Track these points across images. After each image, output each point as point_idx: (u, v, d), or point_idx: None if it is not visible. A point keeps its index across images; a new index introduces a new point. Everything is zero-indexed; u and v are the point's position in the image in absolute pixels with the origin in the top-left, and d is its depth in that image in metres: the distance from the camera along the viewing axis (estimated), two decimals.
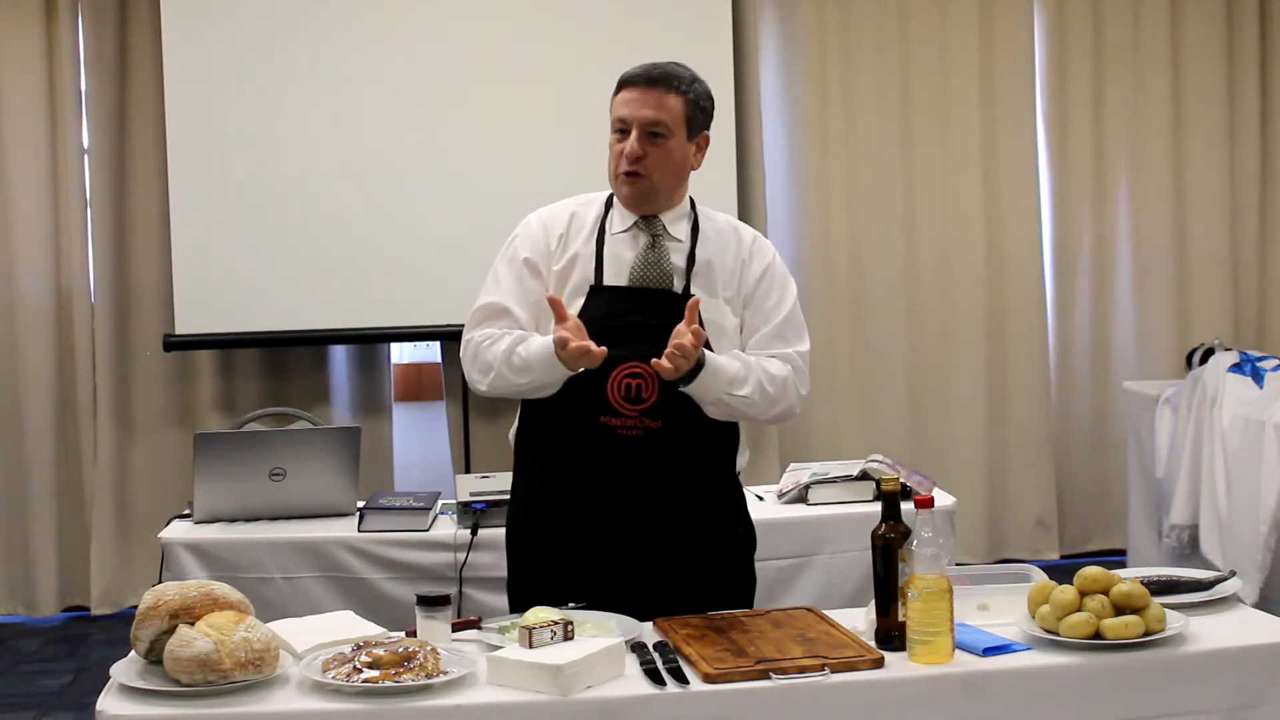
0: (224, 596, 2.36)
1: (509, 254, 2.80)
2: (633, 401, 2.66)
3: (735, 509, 2.86)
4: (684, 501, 2.73)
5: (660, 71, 2.74)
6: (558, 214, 2.82)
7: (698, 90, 2.76)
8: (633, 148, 2.70)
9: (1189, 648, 2.41)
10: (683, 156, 2.76)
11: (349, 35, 5.48)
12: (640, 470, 2.68)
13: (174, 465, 5.58)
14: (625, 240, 2.76)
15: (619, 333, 2.65)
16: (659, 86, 2.72)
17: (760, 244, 2.85)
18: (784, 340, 2.77)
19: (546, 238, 2.78)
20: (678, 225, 2.79)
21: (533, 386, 2.68)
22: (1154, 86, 6.16)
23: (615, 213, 2.79)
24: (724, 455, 2.80)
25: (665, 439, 2.67)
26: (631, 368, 2.65)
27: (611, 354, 2.61)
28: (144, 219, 5.61)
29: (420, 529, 3.61)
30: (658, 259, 2.74)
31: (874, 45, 5.98)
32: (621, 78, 2.76)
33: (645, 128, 2.71)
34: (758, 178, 5.81)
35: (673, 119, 2.72)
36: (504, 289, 2.77)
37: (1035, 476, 6.10)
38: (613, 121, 2.75)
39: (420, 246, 5.46)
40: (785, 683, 2.27)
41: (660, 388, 2.65)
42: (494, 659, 2.30)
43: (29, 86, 5.56)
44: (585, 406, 2.67)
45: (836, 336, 5.95)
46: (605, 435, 2.67)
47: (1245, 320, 6.29)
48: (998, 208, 6.08)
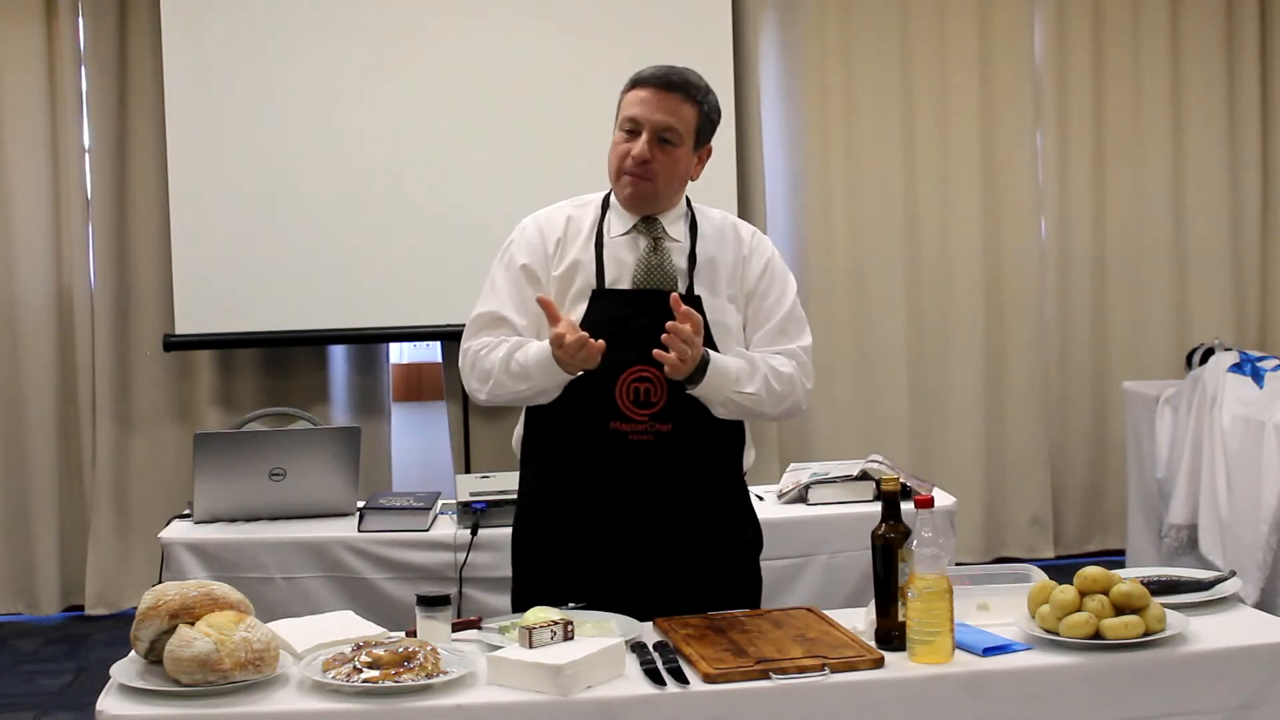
0: (224, 596, 2.36)
1: (505, 260, 2.77)
2: (642, 406, 2.64)
3: (743, 510, 2.86)
4: (695, 504, 2.72)
5: (679, 77, 2.71)
6: (554, 218, 2.79)
7: (711, 102, 2.74)
8: (642, 150, 2.67)
9: (1189, 648, 2.41)
10: (686, 166, 2.75)
11: (349, 36, 5.48)
12: (652, 475, 2.67)
13: (174, 465, 5.58)
14: (625, 243, 2.74)
15: (625, 337, 2.62)
16: (676, 93, 2.69)
17: (759, 240, 2.84)
18: (787, 336, 2.76)
19: (544, 243, 2.75)
20: (676, 226, 2.77)
21: (533, 392, 2.66)
22: (1154, 86, 6.16)
23: (613, 215, 2.77)
24: (732, 455, 2.79)
25: (676, 442, 2.66)
26: (639, 371, 2.63)
27: (618, 359, 2.60)
28: (144, 219, 5.61)
29: (420, 529, 3.61)
30: (660, 261, 2.72)
31: (874, 45, 5.98)
32: (635, 77, 2.73)
33: (657, 132, 2.68)
34: (758, 178, 5.81)
35: (685, 128, 2.70)
36: (501, 297, 2.74)
37: (1034, 476, 6.10)
38: (621, 120, 2.71)
39: (420, 246, 5.46)
40: (785, 683, 2.27)
41: (669, 391, 2.63)
42: (494, 659, 2.30)
43: (29, 86, 5.56)
44: (594, 413, 2.64)
45: (836, 336, 5.95)
46: (616, 441, 2.64)
47: (1245, 320, 6.29)
48: (997, 207, 6.08)
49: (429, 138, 5.50)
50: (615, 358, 2.60)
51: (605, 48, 5.42)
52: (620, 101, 2.74)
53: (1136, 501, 5.53)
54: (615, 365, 2.60)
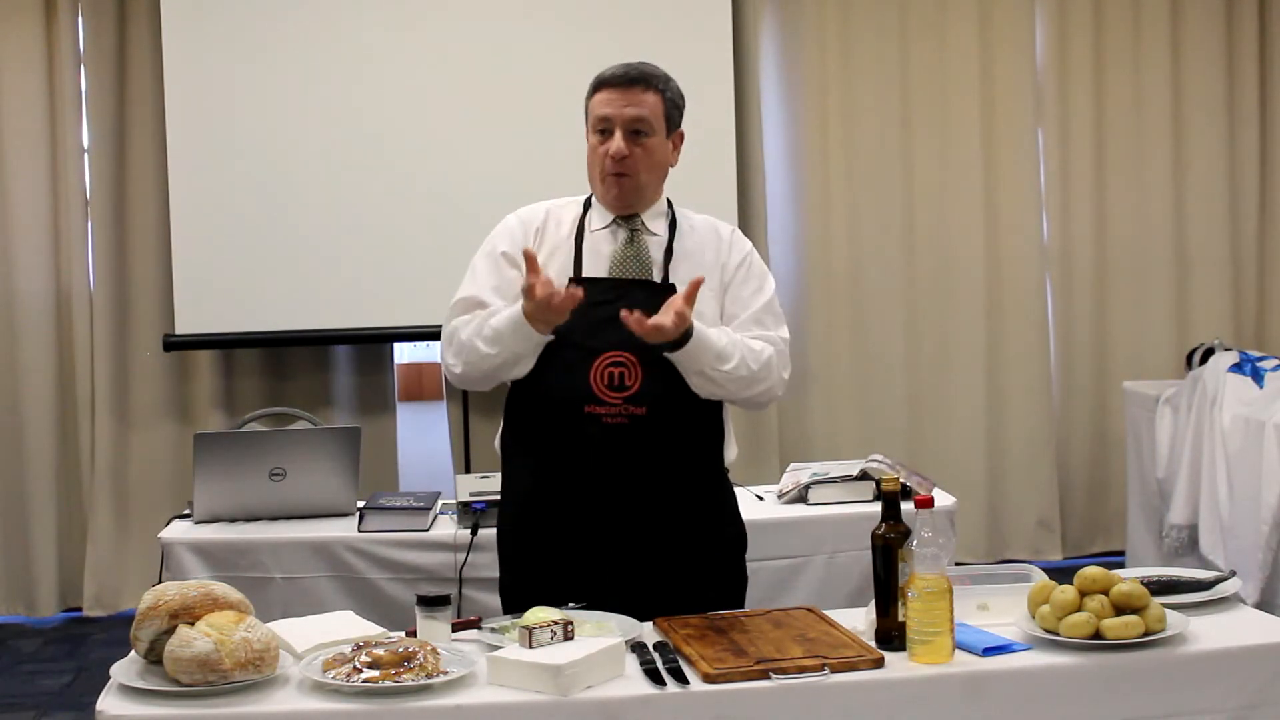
0: (224, 596, 2.36)
1: (486, 249, 2.86)
2: (616, 389, 2.67)
3: (725, 505, 2.87)
4: (672, 489, 2.74)
5: (638, 71, 2.79)
6: (534, 212, 2.87)
7: (673, 89, 2.82)
8: (619, 147, 2.74)
9: (1189, 648, 2.41)
10: (663, 154, 2.81)
11: (349, 35, 5.48)
12: (627, 458, 2.69)
13: (174, 465, 5.58)
14: (604, 236, 2.80)
15: (600, 323, 2.67)
16: (638, 85, 2.77)
17: (738, 237, 2.90)
18: (763, 326, 2.80)
19: (524, 232, 2.82)
20: (656, 222, 2.84)
21: (507, 357, 2.69)
22: (1154, 86, 6.16)
23: (594, 212, 2.84)
24: (710, 443, 2.81)
25: (650, 426, 2.68)
26: (614, 356, 2.67)
27: (594, 344, 2.66)
28: (144, 219, 5.61)
29: (420, 529, 3.61)
30: (637, 252, 2.78)
31: (874, 45, 5.98)
32: (598, 79, 2.81)
33: (629, 126, 2.75)
34: (758, 178, 5.81)
35: (654, 117, 2.77)
36: (480, 282, 2.81)
37: (1035, 477, 6.10)
38: (593, 122, 2.79)
39: (421, 246, 5.46)
40: (785, 683, 2.27)
41: (643, 374, 2.67)
42: (494, 659, 2.30)
43: (29, 86, 5.56)
44: (569, 397, 2.68)
45: (836, 336, 5.96)
46: (591, 424, 2.67)
47: (1245, 320, 6.28)
48: (998, 208, 6.08)
49: (429, 137, 5.50)
50: (591, 343, 2.66)
51: (606, 48, 5.33)
52: (587, 107, 2.82)
53: (1136, 501, 5.53)
54: (591, 350, 2.66)
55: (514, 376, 2.74)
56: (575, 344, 2.68)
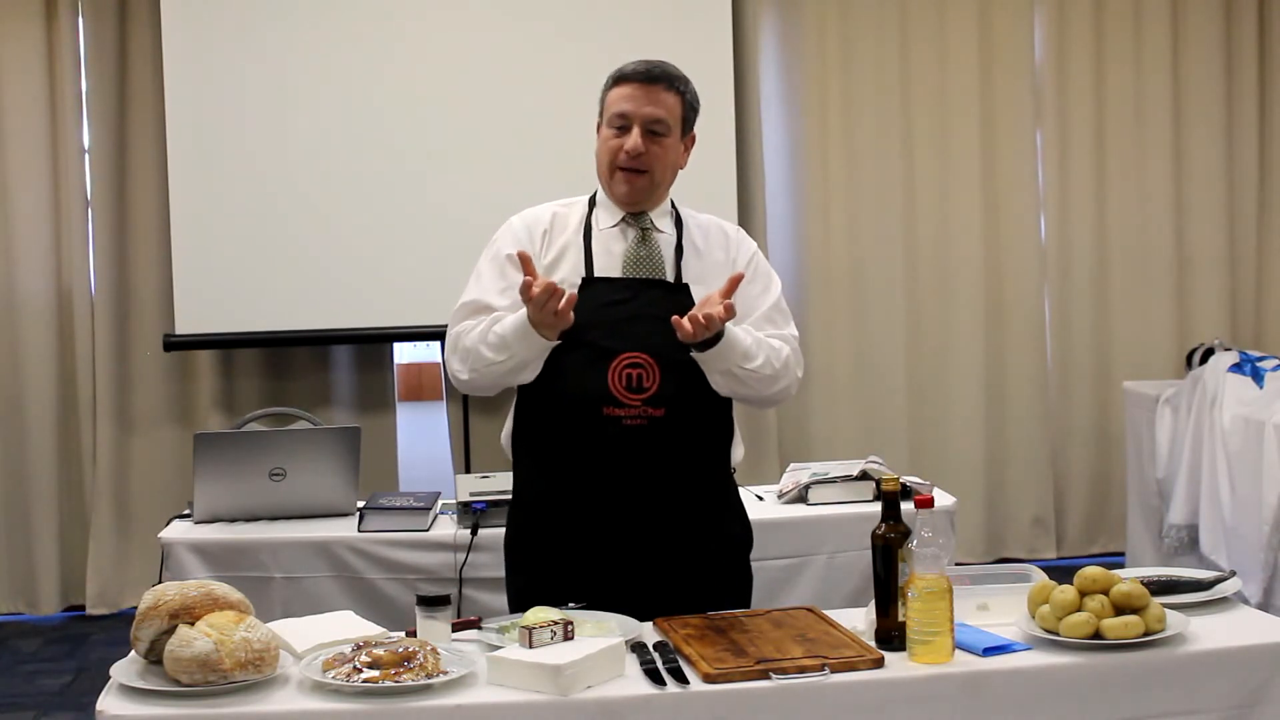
0: (224, 596, 2.36)
1: (491, 252, 2.83)
2: (635, 391, 2.65)
3: (731, 505, 2.86)
4: (686, 490, 2.73)
5: (660, 70, 2.77)
6: (539, 214, 2.85)
7: (691, 91, 2.82)
8: (636, 143, 2.73)
9: (1189, 648, 2.41)
10: (676, 155, 2.81)
11: (350, 35, 5.48)
12: (646, 460, 2.67)
13: (174, 465, 5.59)
14: (614, 235, 2.79)
15: (616, 324, 2.67)
16: (660, 84, 2.75)
17: (743, 236, 2.91)
18: (773, 324, 2.80)
19: (530, 235, 2.80)
20: (663, 220, 2.83)
21: (513, 364, 2.67)
22: (1154, 87, 6.16)
23: (600, 209, 2.82)
24: (721, 443, 2.81)
25: (668, 427, 2.67)
26: (632, 357, 2.65)
27: (610, 345, 2.64)
28: (144, 219, 5.62)
29: (420, 529, 3.60)
30: (649, 252, 2.77)
31: (874, 45, 5.98)
32: (617, 73, 2.79)
33: (647, 124, 2.74)
34: (758, 178, 5.81)
35: (672, 117, 2.76)
36: (485, 285, 2.78)
37: (1034, 476, 6.10)
38: (610, 117, 2.77)
39: (421, 246, 5.46)
40: (785, 683, 2.27)
41: (660, 376, 2.66)
42: (494, 659, 2.30)
43: (29, 86, 5.57)
44: (587, 399, 2.66)
45: (836, 336, 5.96)
46: (610, 426, 2.65)
47: (1244, 320, 6.29)
48: (997, 207, 6.08)
49: (429, 137, 5.50)
50: (608, 344, 2.64)
51: (606, 49, 5.34)
52: (604, 99, 2.80)
53: (1136, 501, 5.53)
54: (607, 351, 2.64)
55: (520, 382, 2.72)
56: (591, 344, 2.66)
